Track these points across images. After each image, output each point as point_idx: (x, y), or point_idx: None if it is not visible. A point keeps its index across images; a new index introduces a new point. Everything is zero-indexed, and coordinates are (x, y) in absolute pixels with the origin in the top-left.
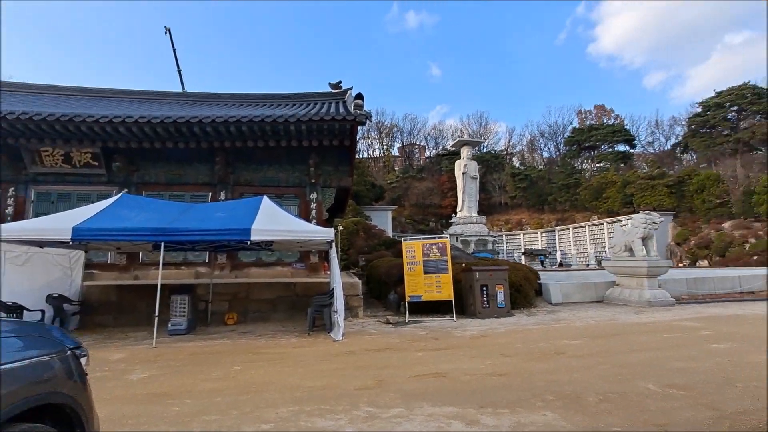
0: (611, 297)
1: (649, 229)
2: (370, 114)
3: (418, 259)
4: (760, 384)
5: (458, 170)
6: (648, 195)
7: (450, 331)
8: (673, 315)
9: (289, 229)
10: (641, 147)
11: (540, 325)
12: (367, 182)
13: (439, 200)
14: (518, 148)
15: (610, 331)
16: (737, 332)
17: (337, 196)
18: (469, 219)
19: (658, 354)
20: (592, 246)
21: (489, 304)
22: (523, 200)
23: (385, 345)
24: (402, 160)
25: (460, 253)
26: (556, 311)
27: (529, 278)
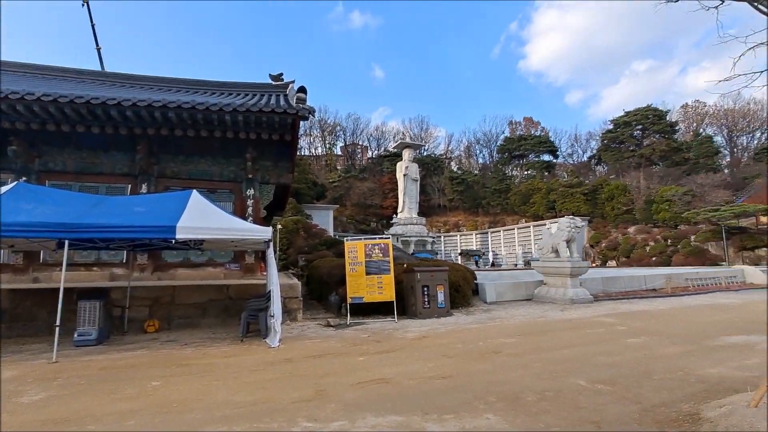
0: (539, 295)
1: (572, 233)
2: (313, 109)
3: (360, 260)
4: (673, 376)
5: (400, 172)
6: (568, 201)
7: (392, 332)
8: (593, 311)
9: (221, 227)
10: (563, 158)
11: (478, 324)
12: (309, 180)
13: (381, 201)
14: (456, 153)
15: (541, 329)
16: (647, 327)
17: (277, 193)
18: (410, 220)
19: (583, 350)
20: (521, 247)
21: (430, 304)
22: (460, 203)
23: (325, 350)
24: (344, 160)
25: (402, 254)
26: (492, 310)
27: (467, 278)
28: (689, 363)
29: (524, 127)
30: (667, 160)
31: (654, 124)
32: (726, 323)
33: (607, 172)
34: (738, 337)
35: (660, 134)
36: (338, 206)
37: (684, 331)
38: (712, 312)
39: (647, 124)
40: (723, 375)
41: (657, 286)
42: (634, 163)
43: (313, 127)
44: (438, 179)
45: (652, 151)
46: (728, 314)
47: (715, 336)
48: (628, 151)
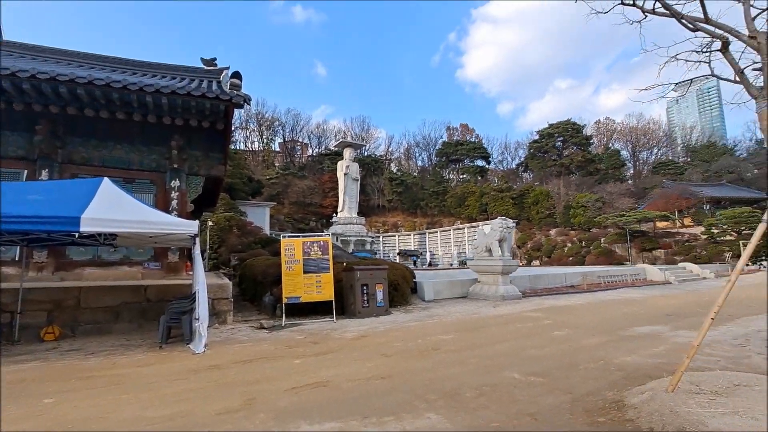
0: (474, 293)
1: (504, 233)
2: (249, 97)
3: (297, 258)
4: (596, 365)
5: (340, 171)
6: (498, 205)
7: (330, 333)
8: (522, 307)
9: (138, 219)
10: (494, 164)
11: (416, 321)
12: (244, 175)
13: (320, 200)
14: (396, 155)
15: (476, 325)
16: (569, 320)
17: (207, 187)
18: (350, 219)
19: (515, 344)
20: (456, 247)
21: (369, 303)
22: (399, 204)
23: (257, 354)
24: (283, 156)
25: (341, 253)
26: (430, 308)
27: (406, 277)
28: (608, 353)
29: (461, 133)
30: (583, 169)
31: (573, 136)
32: (634, 316)
33: (532, 178)
34: (645, 328)
35: (577, 146)
36: (276, 204)
37: (600, 323)
38: (622, 306)
39: (567, 137)
40: (638, 363)
41: (575, 282)
42: (556, 172)
43: (249, 121)
44: (378, 180)
45: (571, 161)
46: (635, 307)
47: (627, 327)
48: (551, 160)
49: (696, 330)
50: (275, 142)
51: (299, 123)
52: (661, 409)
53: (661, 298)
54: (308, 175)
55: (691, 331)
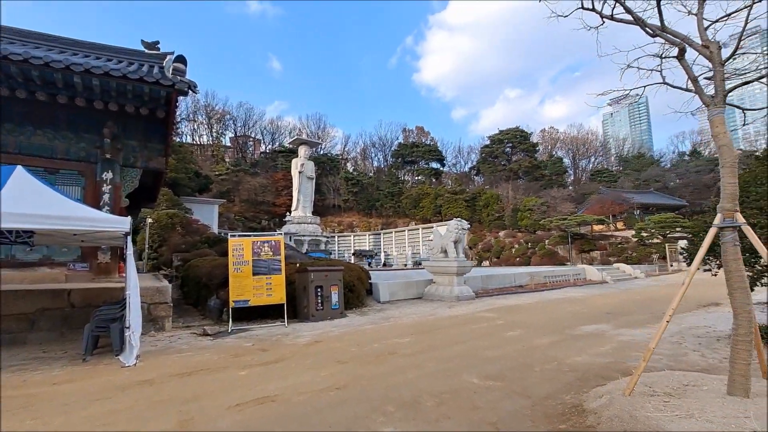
0: (429, 293)
1: (459, 234)
2: (194, 84)
3: (246, 259)
4: (550, 366)
5: (295, 169)
6: (452, 207)
7: (281, 338)
8: (475, 307)
9: (59, 215)
10: (448, 167)
11: (372, 324)
12: (190, 170)
13: (273, 198)
14: (352, 155)
15: (432, 326)
16: (521, 320)
17: (145, 180)
18: (304, 219)
19: (471, 345)
20: (410, 248)
21: (323, 305)
22: (355, 204)
23: (197, 365)
24: (234, 152)
25: (294, 253)
26: (385, 309)
27: (362, 278)
28: (560, 352)
29: (416, 135)
30: (530, 175)
31: (521, 143)
32: (578, 314)
33: (483, 182)
34: (590, 327)
35: (525, 152)
36: (225, 201)
37: (549, 323)
38: (567, 305)
39: (516, 143)
40: (588, 363)
41: (523, 283)
42: (505, 176)
43: (198, 113)
44: (334, 179)
45: (519, 167)
46: (578, 306)
47: (574, 326)
48: (500, 165)
49: (635, 328)
50: (226, 136)
51: (252, 118)
52: (620, 414)
53: (600, 297)
54: (261, 172)
55: (631, 329)
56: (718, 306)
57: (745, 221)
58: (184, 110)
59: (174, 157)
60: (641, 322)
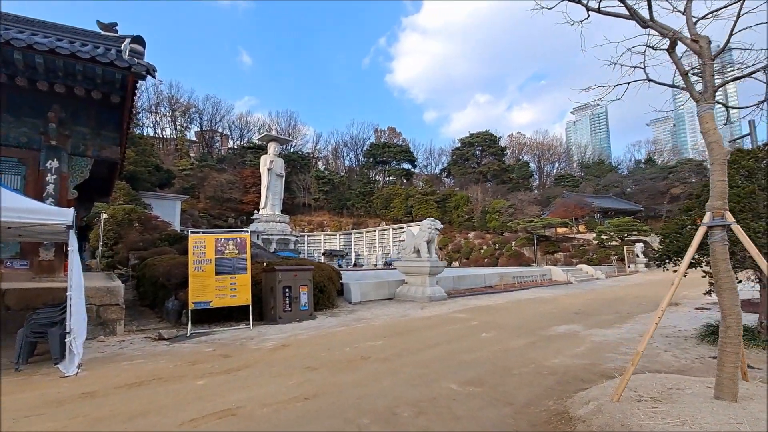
0: (401, 294)
1: (432, 234)
2: (154, 67)
3: (209, 257)
4: (528, 369)
5: (264, 166)
6: (423, 207)
7: (245, 343)
8: (448, 308)
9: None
10: (419, 168)
11: (343, 326)
12: (151, 163)
13: (241, 195)
14: (324, 153)
15: (405, 328)
16: (495, 321)
17: (98, 171)
18: (273, 217)
19: (447, 348)
20: (381, 248)
21: (292, 307)
22: (325, 203)
23: (149, 374)
24: (200, 147)
25: (262, 252)
26: (357, 310)
27: (333, 278)
28: (536, 354)
29: (388, 135)
30: (498, 178)
31: (490, 146)
32: (549, 314)
33: (453, 184)
34: (562, 327)
35: (494, 156)
36: (189, 197)
37: (522, 323)
38: (536, 305)
39: (485, 146)
40: (566, 365)
41: (493, 283)
42: (474, 179)
43: (161, 104)
44: (304, 177)
45: (488, 169)
46: (548, 306)
47: (546, 327)
48: (470, 167)
49: (605, 328)
50: (191, 130)
51: (219, 112)
52: (611, 422)
53: (567, 297)
54: (228, 168)
55: (601, 329)
56: (678, 306)
57: (735, 220)
58: (145, 101)
59: (133, 149)
60: (609, 322)
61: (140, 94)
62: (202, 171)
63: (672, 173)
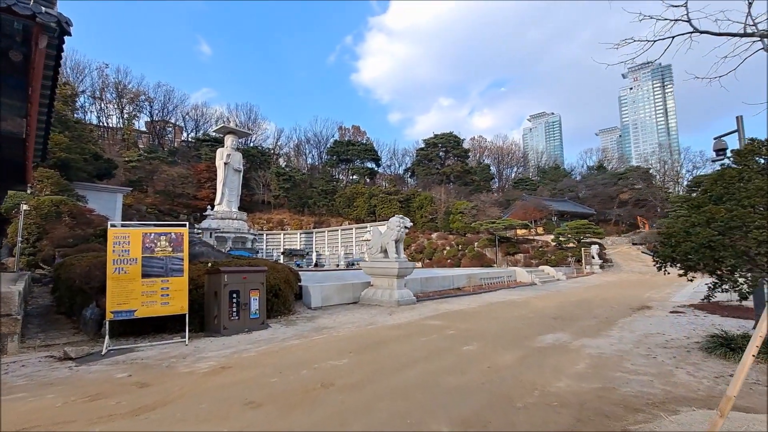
0: (366, 298)
1: (401, 232)
2: (68, 20)
3: (134, 256)
4: (533, 399)
5: (220, 159)
6: (386, 207)
7: (175, 364)
8: (419, 314)
9: None
10: (383, 168)
11: (300, 338)
12: (88, 151)
13: (195, 191)
14: (285, 150)
15: (374, 339)
16: (473, 329)
17: (6, 153)
18: (229, 214)
19: (427, 367)
20: (343, 248)
21: (239, 315)
22: (286, 201)
23: (25, 418)
24: (150, 138)
25: (209, 250)
26: (317, 317)
27: (290, 280)
28: (534, 376)
29: (352, 134)
30: (461, 179)
31: (454, 148)
32: (527, 320)
33: (417, 184)
34: (548, 336)
35: (457, 157)
36: (133, 191)
37: (503, 332)
38: (510, 308)
39: (449, 148)
40: (575, 391)
41: (461, 285)
42: (438, 180)
43: (107, 90)
44: (264, 174)
45: (452, 171)
46: (522, 310)
47: (531, 336)
48: (434, 168)
49: (594, 337)
50: (140, 120)
51: (172, 101)
52: None
53: (538, 300)
54: (181, 162)
55: (590, 338)
56: (650, 309)
57: None
58: (88, 85)
59: (67, 134)
60: (594, 329)
61: (82, 78)
62: (151, 163)
63: (621, 179)
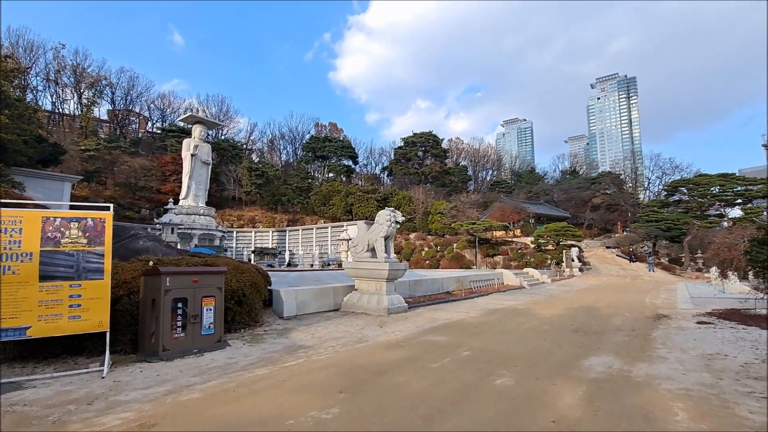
0: (349, 304)
1: (392, 228)
2: None
3: (29, 249)
4: None
5: (186, 150)
6: (363, 206)
7: (68, 417)
8: (415, 325)
9: None
10: (359, 168)
11: (269, 364)
12: (30, 133)
13: (159, 184)
14: (259, 145)
15: (369, 369)
16: (489, 349)
17: None
18: (195, 209)
19: (461, 422)
20: (318, 247)
21: (187, 330)
22: (258, 197)
23: None
24: (111, 127)
25: (156, 246)
26: (290, 330)
27: (257, 284)
28: None
29: (329, 131)
30: (438, 180)
31: (433, 147)
32: (546, 335)
33: (394, 184)
34: (594, 361)
35: (436, 157)
36: (91, 182)
37: (530, 353)
38: (516, 318)
39: (428, 147)
40: None
41: (451, 288)
42: (416, 180)
43: (63, 73)
44: (235, 169)
45: (430, 170)
46: (531, 320)
47: (571, 360)
48: (412, 168)
49: (647, 362)
50: (101, 107)
51: (136, 88)
52: None
53: (537, 306)
54: (145, 153)
55: (648, 364)
56: (669, 319)
57: None
58: (42, 66)
59: (6, 112)
60: (635, 349)
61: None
62: (111, 153)
63: (594, 184)
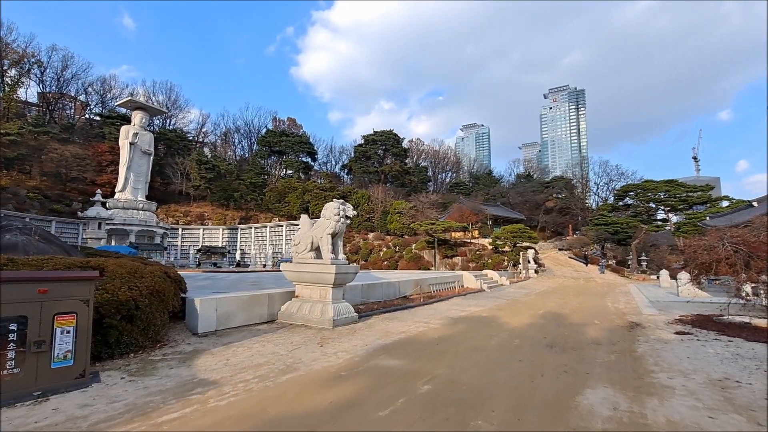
0: (288, 314)
1: (341, 224)
2: None
3: None
4: None
5: (124, 138)
6: (321, 204)
7: None
8: (364, 343)
9: None
10: (319, 165)
11: (134, 420)
12: None
13: (94, 175)
14: (211, 138)
15: (282, 417)
16: (457, 379)
17: None
18: (133, 203)
19: None
20: (272, 246)
21: (26, 362)
22: (209, 193)
23: None
24: (42, 111)
25: (27, 240)
26: (199, 354)
27: (162, 291)
28: None
29: (288, 126)
30: (398, 180)
31: (393, 146)
32: (519, 353)
33: (353, 183)
34: (590, 396)
35: (396, 156)
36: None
37: (506, 384)
38: (482, 329)
39: (389, 146)
40: None
41: (408, 292)
42: (376, 178)
43: None
44: (183, 161)
45: (390, 169)
46: (500, 333)
47: (562, 395)
48: (372, 166)
49: (657, 397)
50: (29, 87)
51: (70, 69)
52: None
53: (503, 313)
54: (80, 141)
55: (657, 399)
56: (643, 328)
57: None
58: None
59: None
60: (628, 373)
61: None
62: (37, 139)
63: (547, 188)
